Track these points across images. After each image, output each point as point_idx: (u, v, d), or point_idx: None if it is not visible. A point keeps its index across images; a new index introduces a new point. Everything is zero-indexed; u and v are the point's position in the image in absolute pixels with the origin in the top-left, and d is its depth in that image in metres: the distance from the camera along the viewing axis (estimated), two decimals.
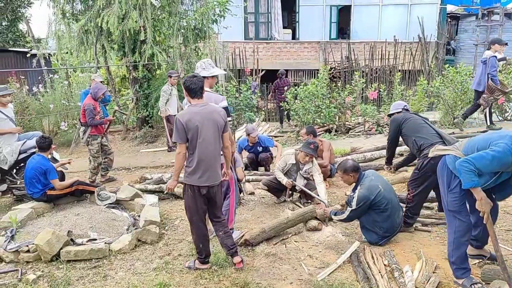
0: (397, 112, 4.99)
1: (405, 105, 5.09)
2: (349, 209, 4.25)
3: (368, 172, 4.42)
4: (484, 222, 3.18)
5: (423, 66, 15.14)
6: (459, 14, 20.70)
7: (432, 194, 5.02)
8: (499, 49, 7.81)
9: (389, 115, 5.19)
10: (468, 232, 3.39)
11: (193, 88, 3.69)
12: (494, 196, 3.40)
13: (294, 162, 5.56)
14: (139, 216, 5.09)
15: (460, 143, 3.55)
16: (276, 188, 5.66)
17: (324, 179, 6.34)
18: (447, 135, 4.63)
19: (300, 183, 5.52)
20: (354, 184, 4.44)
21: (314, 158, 5.54)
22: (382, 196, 4.19)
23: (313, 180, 5.49)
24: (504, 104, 9.78)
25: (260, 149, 7.04)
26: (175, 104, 8.80)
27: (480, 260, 3.76)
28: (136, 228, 4.75)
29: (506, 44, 8.08)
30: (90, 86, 8.02)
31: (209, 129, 3.68)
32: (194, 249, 4.32)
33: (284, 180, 5.43)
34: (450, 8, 21.26)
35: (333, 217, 4.52)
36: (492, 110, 9.87)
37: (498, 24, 17.30)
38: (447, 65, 10.82)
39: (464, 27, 19.02)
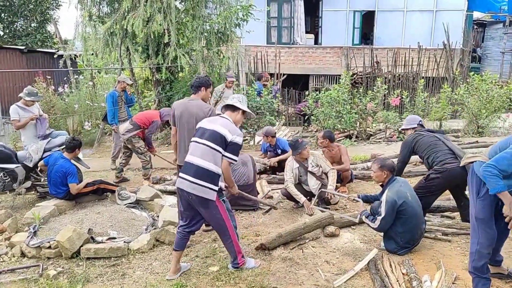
0: (412, 128, 4.99)
1: (420, 121, 5.11)
2: (379, 218, 4.15)
3: (398, 178, 4.36)
4: (509, 228, 3.11)
5: (448, 73, 14.88)
6: (485, 21, 20.34)
7: (453, 203, 4.96)
8: None
9: (402, 130, 5.20)
10: (492, 244, 3.30)
11: (192, 84, 4.65)
12: None
13: (298, 164, 5.56)
14: (158, 216, 5.15)
15: (487, 149, 3.49)
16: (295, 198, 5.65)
17: (344, 184, 6.31)
18: (460, 150, 4.64)
19: (312, 184, 5.53)
20: (381, 184, 4.41)
21: (311, 151, 5.71)
22: (408, 205, 4.11)
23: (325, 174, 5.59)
24: None
25: (279, 151, 7.05)
26: None
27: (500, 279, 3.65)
28: (155, 228, 4.81)
29: None
30: (115, 87, 8.14)
31: (188, 119, 4.51)
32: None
33: (302, 199, 5.42)
34: (477, 15, 20.90)
35: (364, 219, 4.35)
36: None
37: None
38: (472, 72, 10.61)
39: (491, 34, 18.68)
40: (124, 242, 4.47)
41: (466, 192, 4.60)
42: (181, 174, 3.72)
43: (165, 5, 8.65)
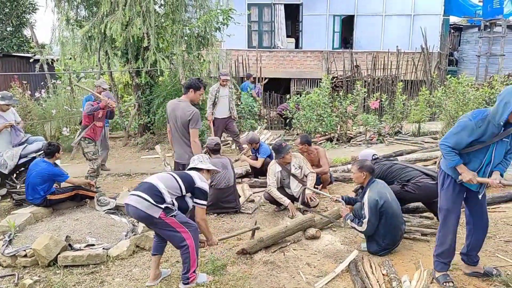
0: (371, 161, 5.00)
1: (373, 154, 5.25)
2: (364, 220, 4.16)
3: (378, 180, 4.42)
4: (475, 182, 3.33)
5: (426, 77, 15.16)
6: (462, 25, 20.81)
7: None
8: None
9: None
10: (454, 232, 3.55)
11: (183, 85, 4.92)
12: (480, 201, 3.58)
13: (280, 168, 5.57)
14: (138, 222, 5.08)
15: None
16: (277, 201, 5.65)
17: (324, 187, 6.35)
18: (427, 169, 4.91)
19: (294, 187, 5.56)
20: (361, 186, 4.48)
21: (294, 153, 5.73)
22: (388, 205, 4.16)
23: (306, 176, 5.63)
24: None
25: (258, 155, 7.03)
26: (224, 107, 8.17)
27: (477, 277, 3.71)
28: (134, 234, 4.74)
29: None
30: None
31: (174, 120, 4.90)
32: None
33: (286, 202, 5.43)
34: (454, 19, 21.35)
35: (350, 223, 4.35)
36: None
37: (500, 35, 17.35)
38: (450, 75, 10.82)
39: (467, 38, 19.11)
40: (103, 248, 4.39)
41: None
42: (131, 192, 3.67)
43: (144, 9, 8.58)
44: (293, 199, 5.62)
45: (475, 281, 3.64)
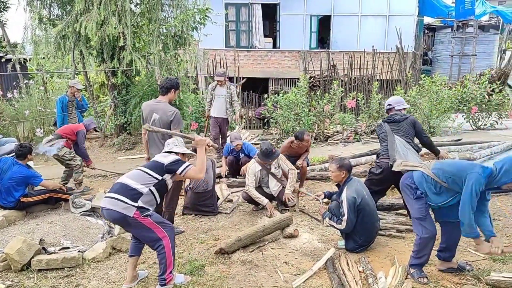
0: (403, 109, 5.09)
1: (389, 104, 5.19)
2: (343, 218, 4.21)
3: (354, 177, 4.48)
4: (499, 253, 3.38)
5: (401, 76, 15.42)
6: (435, 25, 21.25)
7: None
8: None
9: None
10: (432, 240, 3.63)
11: (162, 86, 4.89)
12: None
13: (260, 167, 5.59)
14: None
15: (429, 162, 3.82)
16: (255, 200, 5.66)
17: (302, 181, 6.37)
18: (397, 149, 4.62)
19: (272, 186, 5.58)
20: (337, 184, 4.52)
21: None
22: (365, 203, 4.25)
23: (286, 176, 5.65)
24: (477, 113, 10.03)
25: (241, 155, 7.03)
26: (220, 106, 8.07)
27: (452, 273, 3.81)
28: (111, 236, 4.68)
29: None
30: (66, 92, 7.91)
31: (154, 120, 4.76)
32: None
33: (265, 202, 5.44)
34: (427, 20, 21.81)
35: (328, 221, 4.40)
36: (466, 120, 10.13)
37: (472, 36, 17.82)
38: (424, 75, 11.05)
39: (440, 38, 19.53)
40: (79, 251, 4.32)
41: None
42: (105, 195, 3.61)
43: (120, 8, 8.44)
44: (271, 198, 5.65)
45: (448, 276, 3.73)
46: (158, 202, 3.67)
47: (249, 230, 4.54)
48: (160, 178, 3.63)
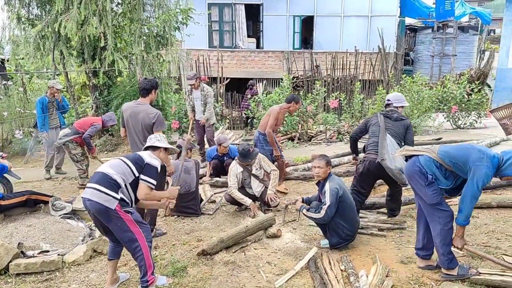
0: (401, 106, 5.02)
1: (388, 100, 5.13)
2: (324, 207, 4.24)
3: (334, 175, 4.53)
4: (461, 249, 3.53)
5: (383, 76, 15.60)
6: (417, 26, 21.55)
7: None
8: None
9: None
10: (452, 219, 3.55)
11: (143, 87, 4.82)
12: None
13: (242, 169, 5.59)
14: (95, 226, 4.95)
15: (434, 146, 3.82)
16: (238, 201, 5.65)
17: (282, 176, 6.40)
18: (385, 145, 4.66)
19: (255, 187, 5.59)
20: (317, 183, 4.56)
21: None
22: (346, 196, 4.33)
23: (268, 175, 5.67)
24: (457, 113, 10.20)
25: (225, 158, 6.97)
26: (198, 109, 7.85)
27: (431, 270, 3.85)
28: (92, 239, 4.61)
29: None
30: (46, 93, 7.77)
31: (135, 124, 4.77)
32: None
33: (248, 202, 5.43)
34: (409, 20, 22.12)
35: (305, 213, 4.42)
36: (446, 119, 10.29)
37: (452, 36, 18.11)
38: (405, 75, 11.19)
39: (421, 39, 19.81)
40: (58, 254, 4.25)
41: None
42: (87, 184, 3.57)
43: (101, 7, 8.35)
44: (254, 198, 5.65)
45: (428, 273, 3.78)
46: (133, 200, 3.60)
47: (231, 231, 4.53)
48: (137, 174, 3.58)
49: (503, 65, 13.86)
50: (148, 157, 3.68)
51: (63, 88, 9.31)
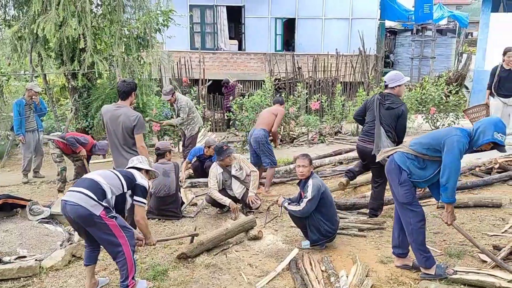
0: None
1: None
2: (305, 200, 4.28)
3: (314, 174, 4.59)
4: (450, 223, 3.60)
5: (363, 78, 15.78)
6: (397, 29, 21.88)
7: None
8: None
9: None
10: (423, 219, 3.64)
11: (122, 91, 4.75)
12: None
13: (222, 170, 5.59)
14: (74, 230, 4.87)
15: (407, 142, 3.88)
16: (219, 203, 5.64)
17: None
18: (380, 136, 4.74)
19: (236, 189, 5.58)
20: (298, 183, 4.63)
21: (234, 154, 5.70)
22: (327, 193, 4.40)
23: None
24: (435, 114, 10.38)
25: (206, 160, 6.96)
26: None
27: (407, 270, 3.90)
28: (71, 243, 4.54)
29: None
30: (24, 95, 7.64)
31: (115, 127, 4.72)
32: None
33: (227, 202, 5.44)
34: (389, 23, 22.43)
35: (286, 206, 4.45)
36: (425, 120, 10.46)
37: (431, 39, 18.45)
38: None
39: (401, 41, 20.12)
40: (36, 260, 4.17)
41: None
42: (70, 188, 3.52)
43: (80, 8, 8.22)
44: (235, 200, 5.65)
45: (407, 272, 3.84)
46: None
47: (211, 234, 4.52)
48: (125, 190, 3.61)
49: (480, 67, 14.14)
50: (140, 177, 3.72)
51: (42, 90, 9.15)
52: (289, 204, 4.47)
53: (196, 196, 6.29)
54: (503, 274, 3.52)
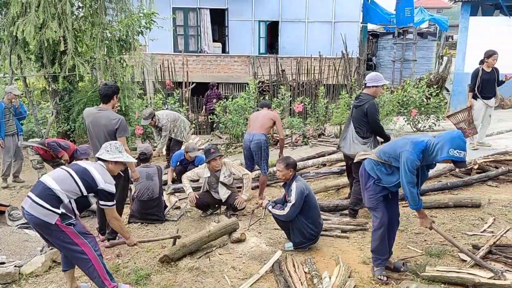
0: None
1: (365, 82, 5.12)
2: (289, 204, 4.31)
3: (299, 176, 4.61)
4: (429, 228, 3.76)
5: (346, 81, 15.91)
6: (379, 32, 22.13)
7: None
8: None
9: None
10: (382, 227, 3.74)
11: (104, 94, 4.64)
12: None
13: (209, 174, 5.57)
14: None
15: (378, 147, 4.04)
16: (203, 205, 5.64)
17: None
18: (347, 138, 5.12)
19: (222, 193, 5.56)
20: (283, 184, 4.62)
21: (223, 159, 5.66)
22: (311, 196, 4.44)
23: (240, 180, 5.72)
24: (416, 116, 10.53)
25: (189, 166, 6.91)
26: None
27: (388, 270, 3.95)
28: (51, 249, 4.47)
29: None
30: (3, 99, 7.51)
31: (97, 131, 4.60)
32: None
33: (188, 191, 5.51)
34: (371, 26, 22.70)
35: (270, 210, 4.48)
36: (406, 122, 10.60)
37: (412, 42, 18.72)
38: None
39: (383, 44, 20.35)
40: (15, 266, 4.10)
41: None
42: (28, 193, 3.39)
43: (60, 11, 8.13)
44: (220, 203, 5.65)
45: (389, 273, 3.87)
46: (76, 214, 3.43)
47: (194, 236, 4.50)
48: (85, 194, 3.41)
49: (460, 70, 14.42)
50: (102, 181, 3.44)
51: (21, 93, 9.00)
52: (273, 207, 4.49)
53: (179, 200, 6.26)
54: (482, 273, 3.59)
